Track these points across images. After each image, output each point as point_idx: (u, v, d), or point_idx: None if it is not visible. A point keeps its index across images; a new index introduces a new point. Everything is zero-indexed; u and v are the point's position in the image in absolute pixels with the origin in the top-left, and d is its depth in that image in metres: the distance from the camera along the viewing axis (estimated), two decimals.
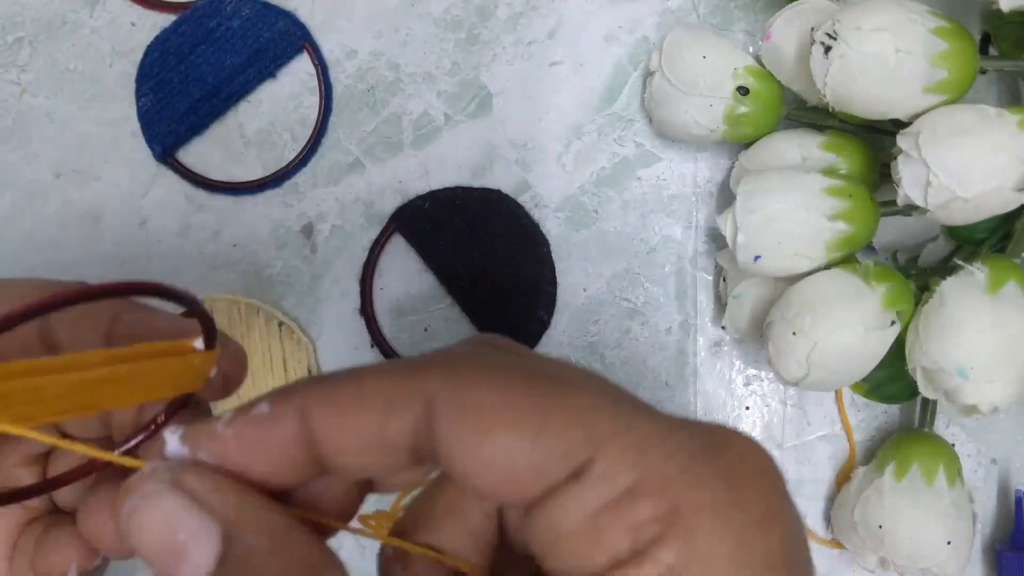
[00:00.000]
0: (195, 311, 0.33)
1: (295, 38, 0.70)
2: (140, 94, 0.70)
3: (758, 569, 0.29)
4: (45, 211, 0.69)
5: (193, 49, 0.70)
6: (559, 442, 0.29)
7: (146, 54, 0.70)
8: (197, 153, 0.70)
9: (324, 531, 0.34)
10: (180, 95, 0.70)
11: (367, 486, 0.36)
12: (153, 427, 0.36)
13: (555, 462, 0.29)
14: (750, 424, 0.68)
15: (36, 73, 0.70)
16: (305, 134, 0.70)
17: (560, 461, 0.29)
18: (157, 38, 0.70)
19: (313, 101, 0.70)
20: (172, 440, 0.31)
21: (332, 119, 0.70)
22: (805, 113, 0.63)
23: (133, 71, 0.70)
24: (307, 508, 0.34)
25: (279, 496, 0.32)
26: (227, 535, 0.30)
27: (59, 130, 0.70)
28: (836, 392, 0.67)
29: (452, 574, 0.35)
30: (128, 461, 0.31)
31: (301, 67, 0.71)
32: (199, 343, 0.34)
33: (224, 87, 0.70)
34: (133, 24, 0.70)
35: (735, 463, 0.30)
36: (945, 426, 0.66)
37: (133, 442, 0.36)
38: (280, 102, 0.70)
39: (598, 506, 0.29)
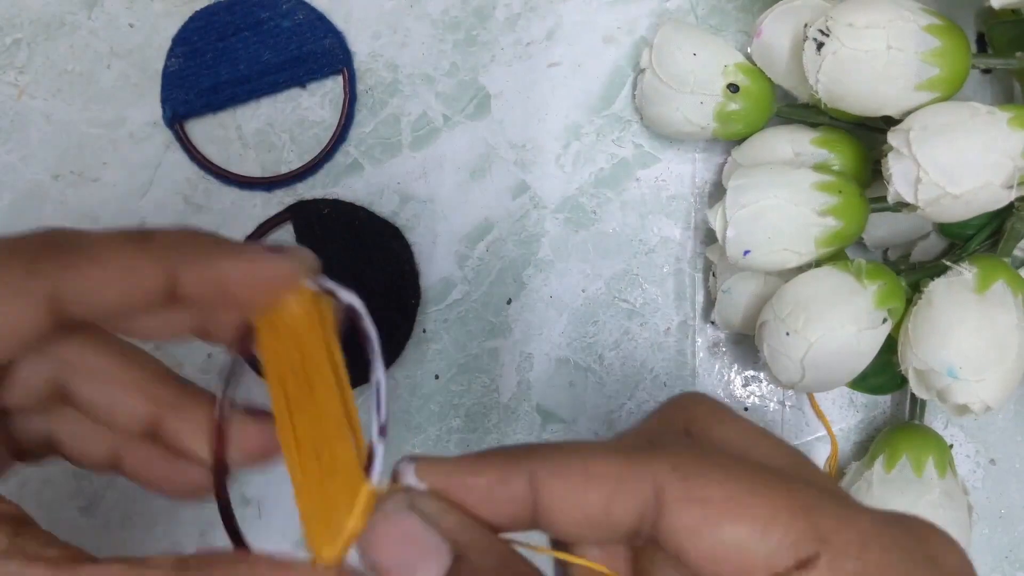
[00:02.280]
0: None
1: (337, 60, 0.70)
2: (171, 55, 0.70)
3: None
4: (43, 212, 0.69)
5: (237, 32, 0.70)
6: (788, 535, 0.31)
7: (190, 20, 0.71)
8: (198, 150, 0.70)
9: None
10: (208, 71, 0.70)
11: None
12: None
13: (783, 553, 0.32)
14: None
15: (34, 74, 0.70)
16: (304, 135, 0.70)
17: (788, 553, 0.32)
18: (206, 8, 0.71)
19: (312, 102, 0.70)
20: (408, 471, 0.34)
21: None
22: (796, 110, 0.63)
23: (132, 72, 0.70)
24: None
25: None
26: (457, 553, 0.33)
27: (57, 131, 0.70)
28: None
29: None
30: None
31: None
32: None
33: (253, 79, 0.70)
34: (131, 26, 0.71)
35: (940, 556, 0.33)
36: (944, 426, 0.66)
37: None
38: (279, 103, 0.70)
39: None
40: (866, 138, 0.61)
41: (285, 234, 0.69)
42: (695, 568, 0.33)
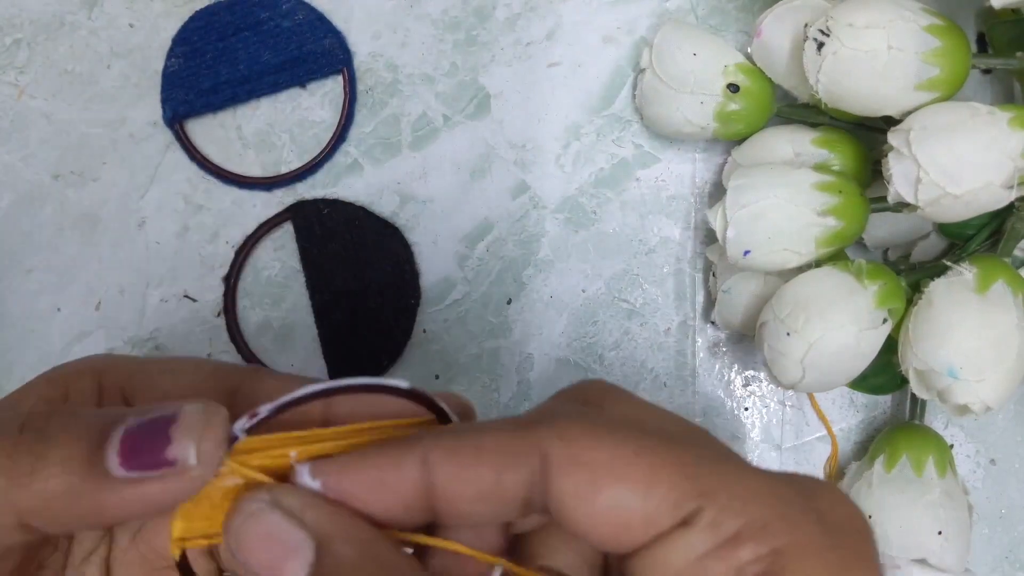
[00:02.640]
0: (424, 401, 0.38)
1: (337, 60, 0.70)
2: (171, 54, 0.70)
3: None
4: (43, 212, 0.69)
5: (237, 32, 0.70)
6: (670, 494, 0.32)
7: (190, 20, 0.70)
8: (198, 150, 0.70)
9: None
10: (208, 71, 0.70)
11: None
12: None
13: (665, 512, 0.33)
14: (749, 425, 0.67)
15: (34, 75, 0.70)
16: (304, 135, 0.70)
17: (670, 511, 0.33)
18: (206, 8, 0.71)
19: (312, 102, 0.70)
20: (303, 472, 0.35)
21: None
22: (796, 110, 0.63)
23: (132, 72, 0.70)
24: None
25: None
26: (320, 545, 0.33)
27: (57, 131, 0.70)
28: None
29: None
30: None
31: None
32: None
33: (253, 79, 0.70)
34: (131, 25, 0.71)
35: (827, 510, 0.34)
36: (944, 426, 0.66)
37: None
38: (279, 103, 0.70)
39: (704, 551, 0.32)
40: (866, 138, 0.61)
41: (285, 234, 0.69)
42: (581, 533, 0.34)
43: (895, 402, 0.67)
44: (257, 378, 0.42)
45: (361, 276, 0.68)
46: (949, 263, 0.56)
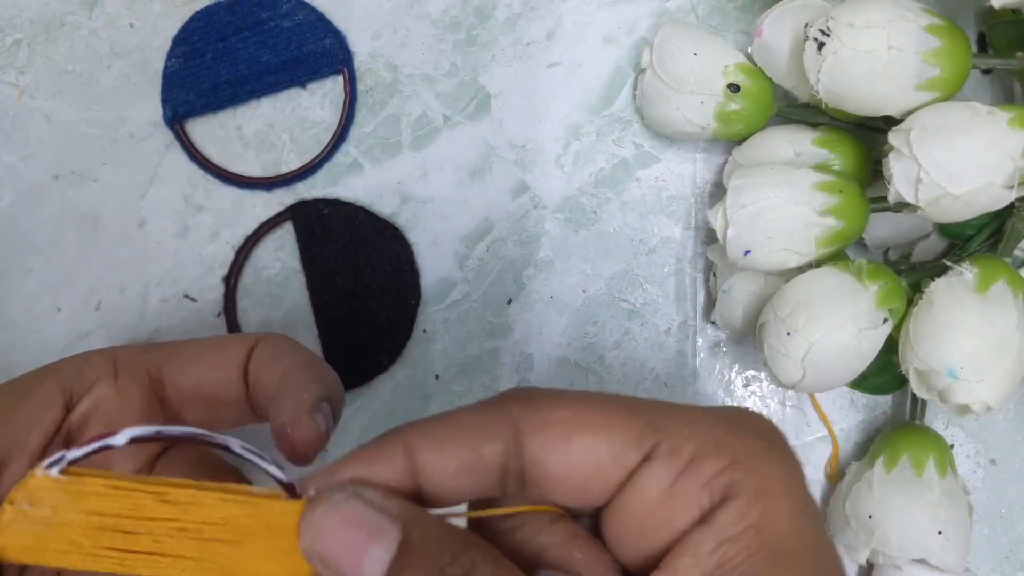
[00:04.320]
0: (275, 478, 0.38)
1: (337, 60, 0.70)
2: (171, 55, 0.70)
3: (799, 487, 0.37)
4: (43, 213, 0.69)
5: (237, 32, 0.70)
6: (630, 434, 0.37)
7: (190, 20, 0.70)
8: (198, 150, 0.70)
9: None
10: (208, 71, 0.70)
11: None
12: None
13: (629, 450, 0.37)
14: None
15: (35, 75, 0.70)
16: (304, 135, 0.70)
17: (633, 449, 0.37)
18: (206, 9, 0.71)
19: (312, 102, 0.70)
20: (307, 491, 0.37)
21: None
22: (796, 110, 0.63)
23: (132, 72, 0.70)
24: None
25: None
26: (406, 526, 0.35)
27: (58, 132, 0.70)
28: None
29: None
30: None
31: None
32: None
33: (252, 80, 0.70)
34: (132, 25, 0.71)
35: (759, 426, 0.39)
36: (944, 426, 0.66)
37: None
38: (279, 103, 0.70)
39: (672, 476, 0.37)
40: (866, 138, 0.61)
41: (285, 234, 0.69)
42: (558, 489, 0.37)
43: (895, 402, 0.67)
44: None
45: (361, 276, 0.68)
46: (949, 263, 0.56)
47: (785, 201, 0.55)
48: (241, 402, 0.53)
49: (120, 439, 0.35)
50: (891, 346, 0.57)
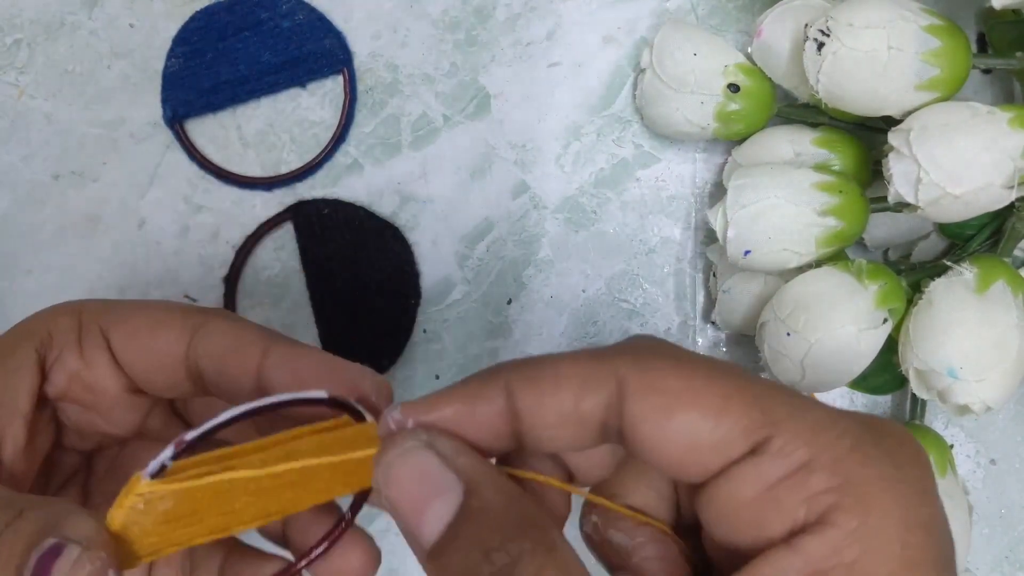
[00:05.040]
0: (345, 405, 0.40)
1: (337, 60, 0.70)
2: (171, 55, 0.70)
3: (923, 531, 0.33)
4: (43, 212, 0.69)
5: (237, 32, 0.70)
6: (740, 421, 0.34)
7: (190, 20, 0.71)
8: (198, 150, 0.70)
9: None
10: (208, 71, 0.70)
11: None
12: (343, 526, 0.42)
13: (735, 439, 0.34)
14: None
15: (35, 75, 0.70)
16: (304, 135, 0.70)
17: (740, 438, 0.34)
18: (206, 9, 0.71)
19: (312, 102, 0.70)
20: (394, 413, 0.37)
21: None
22: (796, 110, 0.63)
23: (132, 72, 0.70)
24: None
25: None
26: (469, 490, 0.34)
27: (58, 132, 0.70)
28: None
29: (650, 533, 0.40)
30: None
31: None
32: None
33: (252, 80, 0.70)
34: (132, 26, 0.71)
35: (895, 446, 0.35)
36: (944, 426, 0.66)
37: (321, 549, 0.42)
38: (279, 103, 0.70)
39: (775, 479, 0.33)
40: (866, 138, 0.61)
41: (285, 234, 0.69)
42: (654, 459, 0.35)
43: (895, 402, 0.67)
44: (215, 320, 0.46)
45: (361, 276, 0.68)
46: (949, 263, 0.56)
47: (785, 201, 0.55)
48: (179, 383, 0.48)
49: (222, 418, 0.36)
50: (891, 346, 0.57)
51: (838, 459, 0.33)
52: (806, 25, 0.56)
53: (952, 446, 0.64)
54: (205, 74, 0.70)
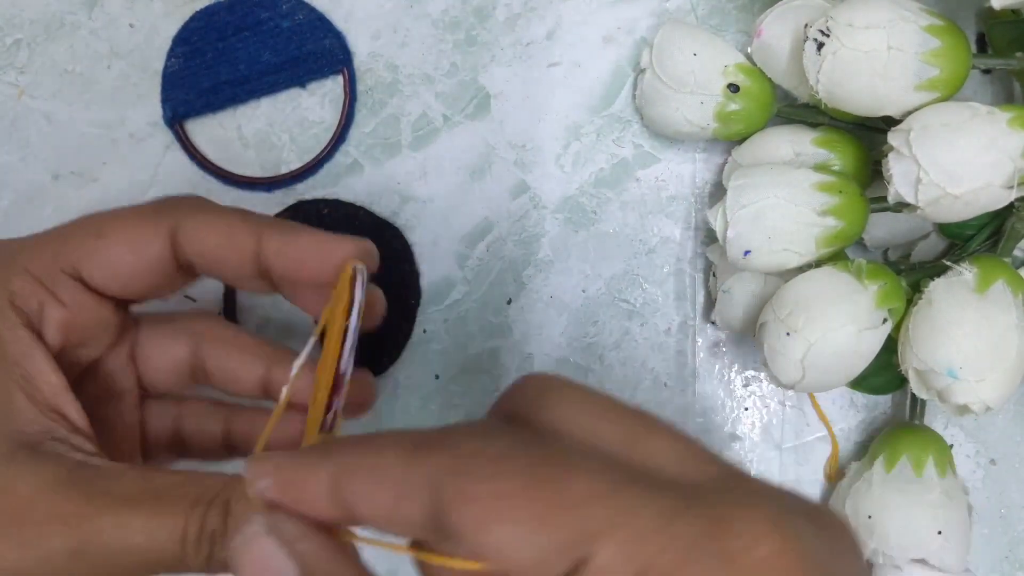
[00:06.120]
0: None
1: (337, 60, 0.70)
2: (171, 55, 0.70)
3: None
4: (43, 213, 0.69)
5: (237, 32, 0.70)
6: (557, 536, 0.31)
7: (190, 20, 0.70)
8: (198, 150, 0.70)
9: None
10: (208, 71, 0.70)
11: None
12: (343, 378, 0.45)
13: (554, 556, 0.31)
14: (749, 425, 0.67)
15: (34, 75, 0.70)
16: (304, 135, 0.70)
17: (559, 555, 0.31)
18: (206, 9, 0.71)
19: (312, 102, 0.70)
20: (248, 468, 0.37)
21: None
22: (796, 110, 0.63)
23: (132, 72, 0.70)
24: None
25: None
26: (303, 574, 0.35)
27: (57, 132, 0.70)
28: None
29: None
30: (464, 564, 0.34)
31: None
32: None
33: (252, 80, 0.70)
34: (132, 26, 0.71)
35: (740, 552, 0.31)
36: (944, 427, 0.66)
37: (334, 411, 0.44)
38: (279, 103, 0.70)
39: None
40: (866, 138, 0.61)
41: None
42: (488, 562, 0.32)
43: (895, 402, 0.67)
44: (194, 216, 0.48)
45: None
46: (949, 263, 0.56)
47: (785, 201, 0.55)
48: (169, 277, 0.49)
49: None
50: (891, 346, 0.57)
51: (667, 573, 0.30)
52: (806, 25, 0.56)
53: (952, 446, 0.64)
54: (205, 74, 0.69)
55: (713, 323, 0.66)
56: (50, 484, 0.41)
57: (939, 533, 0.58)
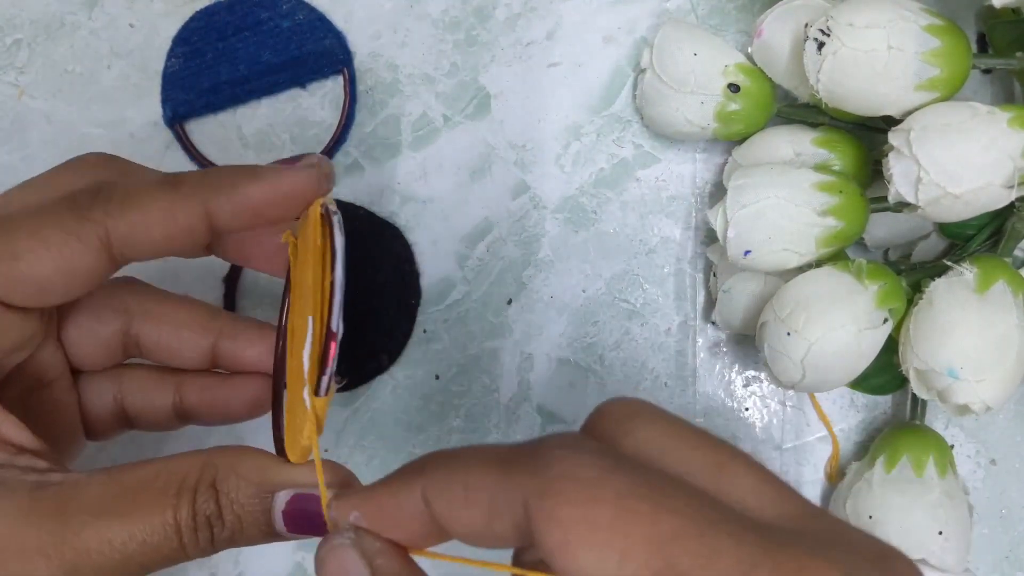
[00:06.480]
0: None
1: (337, 60, 0.70)
2: (171, 55, 0.70)
3: None
4: None
5: (237, 32, 0.70)
6: (641, 571, 0.30)
7: (190, 20, 0.71)
8: (198, 150, 0.70)
9: None
10: (208, 71, 0.70)
11: None
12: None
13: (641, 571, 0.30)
14: (749, 425, 0.67)
15: (35, 75, 0.70)
16: (304, 135, 0.70)
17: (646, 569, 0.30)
18: (206, 9, 0.71)
19: (312, 102, 0.70)
20: (333, 511, 0.39)
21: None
22: (796, 110, 0.63)
23: (132, 72, 0.70)
24: None
25: None
26: None
27: (57, 131, 0.70)
28: None
29: None
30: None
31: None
32: None
33: (253, 80, 0.70)
34: (132, 26, 0.71)
35: None
36: (944, 426, 0.66)
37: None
38: (279, 103, 0.70)
39: None
40: (866, 138, 0.61)
41: None
42: None
43: (895, 402, 0.67)
44: (127, 201, 0.45)
45: (361, 276, 0.68)
46: (949, 263, 0.56)
47: (785, 201, 0.55)
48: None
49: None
50: (891, 346, 0.57)
51: None
52: (806, 25, 0.56)
53: (952, 446, 0.64)
54: (205, 74, 0.70)
55: (713, 323, 0.66)
56: (12, 517, 0.39)
57: (939, 533, 0.58)
